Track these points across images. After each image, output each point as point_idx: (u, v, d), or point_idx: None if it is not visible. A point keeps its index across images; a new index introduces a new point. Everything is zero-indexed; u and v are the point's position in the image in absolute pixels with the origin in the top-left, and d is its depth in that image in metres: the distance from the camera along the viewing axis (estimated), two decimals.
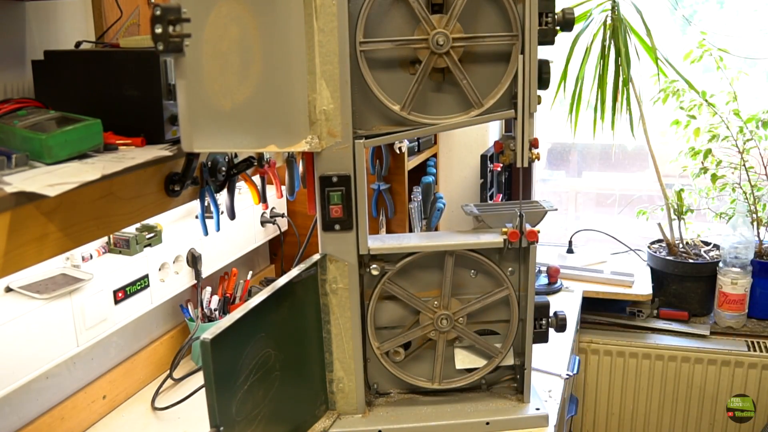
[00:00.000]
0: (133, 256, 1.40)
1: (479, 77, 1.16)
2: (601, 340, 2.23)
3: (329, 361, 1.25)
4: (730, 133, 2.13)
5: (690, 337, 2.15)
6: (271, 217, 1.91)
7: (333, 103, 1.11)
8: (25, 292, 1.20)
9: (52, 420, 1.27)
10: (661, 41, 2.09)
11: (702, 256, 2.23)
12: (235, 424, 1.02)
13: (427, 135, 2.13)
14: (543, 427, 1.29)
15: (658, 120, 2.27)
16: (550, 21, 1.12)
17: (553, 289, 2.12)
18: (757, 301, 2.14)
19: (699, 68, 2.17)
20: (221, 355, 0.97)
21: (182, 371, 1.55)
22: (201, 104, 1.00)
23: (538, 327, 1.31)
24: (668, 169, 2.28)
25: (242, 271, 1.81)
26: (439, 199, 2.03)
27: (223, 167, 1.15)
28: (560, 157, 2.70)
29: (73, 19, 1.22)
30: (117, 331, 1.39)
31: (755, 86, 2.30)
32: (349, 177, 1.16)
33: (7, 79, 1.09)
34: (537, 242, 1.24)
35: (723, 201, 2.25)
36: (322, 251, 1.20)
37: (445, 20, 1.11)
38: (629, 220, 2.53)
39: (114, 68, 1.00)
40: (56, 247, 0.81)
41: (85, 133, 0.87)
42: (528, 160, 1.17)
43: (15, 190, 0.72)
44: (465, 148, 2.43)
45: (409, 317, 1.29)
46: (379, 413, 1.29)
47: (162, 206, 1.01)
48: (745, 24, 2.32)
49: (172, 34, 0.92)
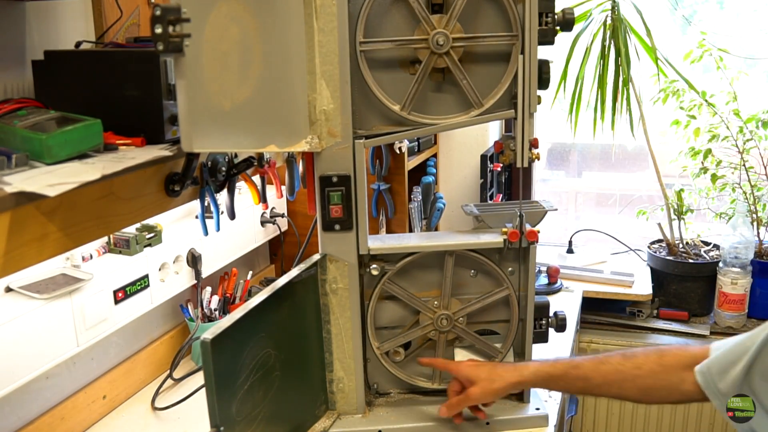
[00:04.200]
0: (133, 256, 1.40)
1: (479, 77, 1.15)
2: (601, 340, 2.23)
3: (329, 361, 1.25)
4: (730, 133, 2.13)
5: (690, 337, 2.15)
6: (271, 217, 1.91)
7: (333, 103, 1.11)
8: (25, 292, 1.20)
9: (52, 420, 1.27)
10: (661, 41, 2.09)
11: (702, 256, 2.23)
12: (235, 424, 1.02)
13: (427, 135, 2.13)
14: (543, 427, 1.29)
15: (658, 120, 2.27)
16: (550, 21, 1.12)
17: (553, 289, 2.12)
18: (757, 301, 2.14)
19: (699, 68, 2.17)
20: (221, 355, 0.97)
21: (182, 371, 1.54)
22: (201, 104, 1.00)
23: (538, 327, 1.31)
24: (668, 169, 2.28)
25: (242, 271, 1.81)
26: (439, 199, 2.03)
27: (223, 167, 1.15)
28: (560, 157, 2.70)
29: (73, 19, 1.22)
30: (117, 331, 1.39)
31: (755, 86, 2.30)
32: (349, 177, 1.16)
33: (7, 79, 1.09)
34: (537, 242, 1.24)
35: (723, 201, 2.25)
36: (322, 251, 1.20)
37: (445, 20, 1.11)
38: (629, 220, 2.53)
39: (114, 68, 1.00)
40: (56, 247, 0.81)
41: (85, 133, 0.87)
42: (528, 160, 1.17)
43: (15, 190, 0.72)
44: (465, 148, 2.43)
45: (409, 317, 1.29)
46: (379, 413, 1.29)
47: (162, 206, 1.01)
48: (745, 24, 2.32)
49: (172, 34, 0.93)
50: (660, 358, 1.10)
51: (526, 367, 1.18)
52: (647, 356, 1.11)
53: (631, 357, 1.12)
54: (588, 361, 1.14)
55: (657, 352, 1.11)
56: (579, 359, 1.16)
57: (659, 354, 1.11)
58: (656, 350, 1.12)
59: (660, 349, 1.12)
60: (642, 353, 1.12)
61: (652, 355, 1.11)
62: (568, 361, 1.17)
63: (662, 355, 1.10)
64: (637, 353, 1.12)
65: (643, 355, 1.11)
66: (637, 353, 1.12)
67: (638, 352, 1.12)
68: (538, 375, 1.16)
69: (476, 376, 1.18)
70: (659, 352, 1.11)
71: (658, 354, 1.11)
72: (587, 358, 1.15)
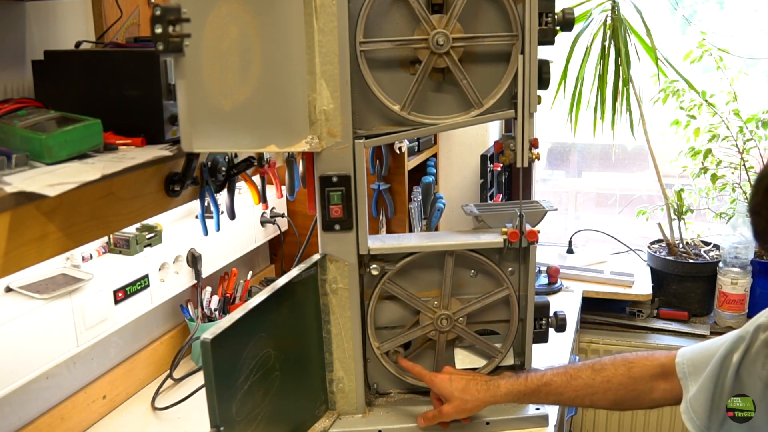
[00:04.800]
0: (133, 256, 1.40)
1: (479, 77, 1.15)
2: (601, 340, 2.23)
3: (329, 361, 1.25)
4: (730, 133, 2.13)
5: (690, 337, 2.15)
6: (271, 217, 1.91)
7: (333, 103, 1.11)
8: (25, 292, 1.20)
9: (52, 420, 1.27)
10: (661, 41, 2.09)
11: (702, 256, 2.23)
12: (235, 424, 1.02)
13: (427, 135, 2.13)
14: (543, 427, 1.29)
15: (658, 120, 2.27)
16: (550, 21, 1.12)
17: (553, 289, 2.12)
18: (757, 301, 2.14)
19: (699, 68, 2.17)
20: (221, 355, 0.97)
21: (182, 371, 1.54)
22: (201, 104, 1.00)
23: (538, 327, 1.31)
24: (668, 169, 2.28)
25: (242, 271, 1.81)
26: (439, 199, 2.03)
27: (223, 167, 1.15)
28: (560, 157, 2.70)
29: (73, 19, 1.22)
30: (117, 331, 1.39)
31: (755, 86, 2.30)
32: (349, 177, 1.16)
33: (7, 79, 1.09)
34: (537, 242, 1.24)
35: (723, 201, 2.25)
36: (322, 251, 1.20)
37: (445, 20, 1.11)
38: (629, 220, 2.53)
39: (114, 68, 1.00)
40: (56, 247, 0.80)
41: (85, 133, 0.87)
42: (528, 160, 1.17)
43: (15, 190, 0.72)
44: (465, 148, 2.43)
45: (409, 317, 1.29)
46: (379, 413, 1.29)
47: (162, 206, 1.01)
48: (745, 24, 2.32)
49: (172, 34, 0.92)
50: (628, 370, 1.13)
51: (498, 387, 1.20)
52: (616, 368, 1.14)
53: (601, 370, 1.15)
54: (559, 376, 1.17)
55: (625, 363, 1.14)
56: (550, 374, 1.18)
57: (627, 366, 1.14)
58: (624, 361, 1.15)
59: (628, 360, 1.15)
60: (611, 365, 1.15)
61: (621, 368, 1.14)
62: (539, 377, 1.19)
63: (630, 367, 1.14)
64: (606, 365, 1.15)
65: (612, 368, 1.15)
66: (606, 365, 1.15)
67: (607, 364, 1.16)
68: (510, 394, 1.19)
69: (450, 393, 1.20)
70: (627, 364, 1.14)
71: (627, 366, 1.14)
72: (557, 372, 1.18)
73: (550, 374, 1.18)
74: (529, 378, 1.19)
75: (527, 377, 1.19)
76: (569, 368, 1.18)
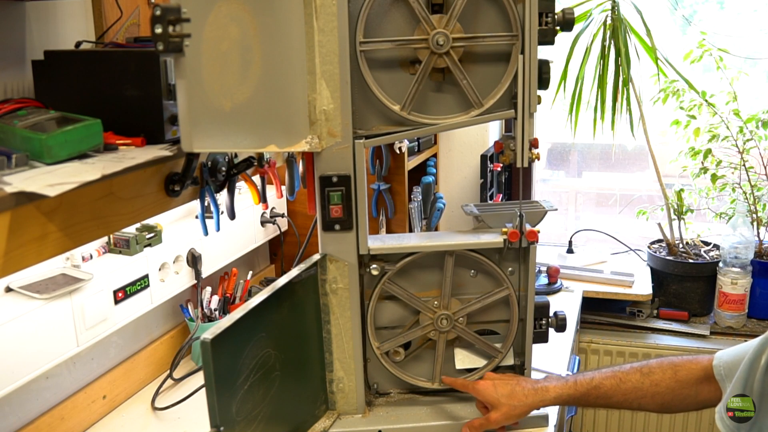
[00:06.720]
0: (133, 256, 1.40)
1: (479, 77, 1.15)
2: (601, 340, 2.23)
3: (329, 361, 1.25)
4: (730, 133, 2.13)
5: (690, 337, 2.15)
6: (271, 217, 1.91)
7: (333, 103, 1.11)
8: (25, 292, 1.20)
9: (52, 420, 1.27)
10: (661, 41, 2.09)
11: (702, 256, 2.23)
12: (235, 424, 1.02)
13: (427, 135, 2.13)
14: (543, 427, 1.29)
15: (658, 120, 2.27)
16: (550, 21, 1.12)
17: (553, 289, 2.12)
18: (757, 301, 2.14)
19: (699, 68, 2.17)
20: (221, 355, 0.97)
21: (182, 371, 1.55)
22: (201, 104, 1.00)
23: (538, 327, 1.31)
24: (668, 169, 2.28)
25: (242, 271, 1.81)
26: (439, 199, 2.03)
27: (223, 167, 1.15)
28: (560, 157, 2.70)
29: (73, 19, 1.22)
30: (117, 331, 1.39)
31: (755, 86, 2.31)
32: (349, 177, 1.16)
33: (7, 79, 1.09)
34: (537, 242, 1.24)
35: (723, 201, 2.25)
36: (322, 251, 1.20)
37: (445, 20, 1.11)
38: (629, 220, 2.53)
39: (114, 68, 1.00)
40: (56, 247, 0.80)
41: (85, 133, 0.87)
42: (528, 160, 1.17)
43: (15, 190, 0.72)
44: (465, 148, 2.43)
45: (409, 317, 1.29)
46: (379, 413, 1.29)
47: (162, 206, 1.01)
48: (745, 24, 2.32)
49: (172, 34, 0.92)
50: (675, 374, 1.14)
51: (547, 391, 1.19)
52: (663, 372, 1.15)
53: (649, 374, 1.15)
54: (608, 379, 1.17)
55: (671, 367, 1.15)
56: (599, 378, 1.18)
57: (674, 369, 1.14)
58: (670, 365, 1.15)
59: (674, 364, 1.15)
60: (658, 369, 1.15)
61: (668, 371, 1.15)
62: (588, 381, 1.18)
63: (677, 371, 1.14)
64: (654, 369, 1.15)
65: (660, 371, 1.15)
66: (654, 369, 1.15)
67: (654, 367, 1.16)
68: (559, 398, 1.19)
69: (496, 400, 1.19)
70: (674, 368, 1.15)
71: (673, 370, 1.15)
72: (606, 376, 1.17)
73: (599, 378, 1.17)
74: (579, 382, 1.18)
75: (576, 381, 1.19)
76: (617, 372, 1.17)
